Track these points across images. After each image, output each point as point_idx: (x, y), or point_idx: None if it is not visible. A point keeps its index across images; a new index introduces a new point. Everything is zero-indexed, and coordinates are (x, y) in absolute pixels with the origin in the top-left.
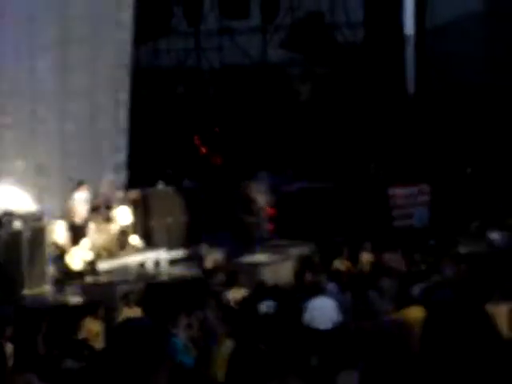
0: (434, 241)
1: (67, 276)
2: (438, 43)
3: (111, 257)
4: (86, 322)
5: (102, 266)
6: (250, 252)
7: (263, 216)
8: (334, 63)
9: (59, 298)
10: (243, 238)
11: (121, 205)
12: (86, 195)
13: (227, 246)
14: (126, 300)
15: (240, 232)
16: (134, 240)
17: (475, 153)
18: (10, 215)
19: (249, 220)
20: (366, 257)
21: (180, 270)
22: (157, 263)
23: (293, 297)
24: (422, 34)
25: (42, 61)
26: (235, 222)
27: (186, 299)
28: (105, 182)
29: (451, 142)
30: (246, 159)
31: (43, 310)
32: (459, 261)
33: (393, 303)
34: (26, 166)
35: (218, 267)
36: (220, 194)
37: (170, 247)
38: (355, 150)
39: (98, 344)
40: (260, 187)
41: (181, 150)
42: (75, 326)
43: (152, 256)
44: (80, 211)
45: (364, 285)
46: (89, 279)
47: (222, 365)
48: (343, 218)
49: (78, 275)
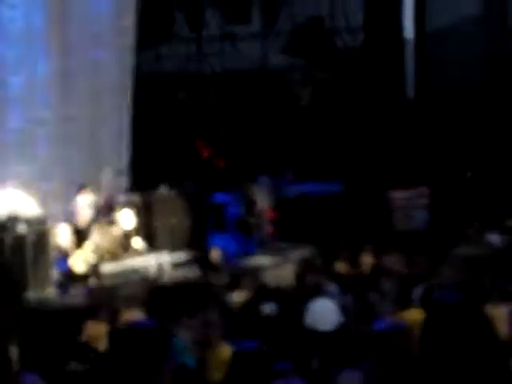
0: (433, 243)
1: (71, 279)
2: (437, 47)
3: (114, 260)
4: (89, 325)
5: (105, 268)
6: (251, 254)
7: (264, 219)
8: (334, 68)
9: (63, 301)
10: (245, 241)
11: (124, 208)
12: (88, 199)
13: (231, 249)
14: (129, 303)
15: (242, 234)
16: (137, 243)
17: (475, 156)
18: (15, 219)
19: (250, 222)
20: (367, 259)
21: (183, 272)
22: (160, 266)
23: (294, 299)
24: (422, 37)
25: (43, 66)
26: (238, 225)
27: (189, 301)
28: (105, 182)
29: (451, 145)
30: (247, 162)
31: (47, 313)
32: (459, 263)
33: (393, 305)
34: (30, 170)
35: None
36: (223, 197)
37: (173, 250)
38: (355, 153)
39: (102, 346)
40: (261, 190)
41: (183, 153)
42: (79, 329)
43: (155, 259)
44: (83, 214)
45: (365, 287)
46: (92, 282)
47: (220, 367)
48: (344, 220)
49: (82, 278)
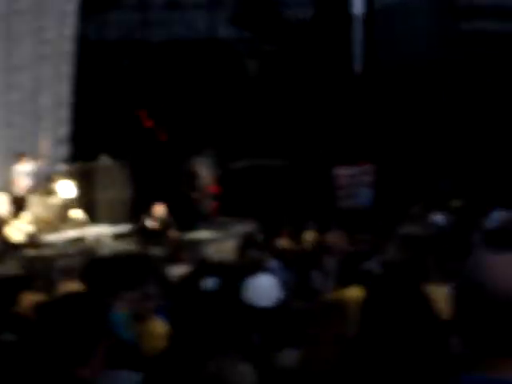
0: (377, 221)
1: (7, 248)
2: (385, 23)
3: (53, 230)
4: (25, 295)
5: (43, 239)
6: (193, 228)
7: (207, 193)
8: (282, 41)
9: None
10: (187, 214)
11: (64, 178)
12: (27, 167)
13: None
14: (66, 274)
15: (184, 208)
16: (77, 214)
17: (420, 134)
18: None
19: (193, 196)
20: (310, 235)
21: (123, 244)
22: (99, 238)
23: (235, 274)
24: (371, 13)
25: None
26: (179, 198)
27: (128, 274)
28: (44, 150)
29: (396, 122)
30: (192, 135)
31: None
32: (402, 242)
33: (335, 282)
34: None
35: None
36: (165, 169)
37: (114, 222)
38: (301, 127)
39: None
40: (205, 164)
41: (125, 123)
42: (13, 299)
43: (94, 230)
44: (21, 183)
45: (307, 263)
46: (29, 252)
47: (154, 341)
48: (287, 196)
49: (19, 248)
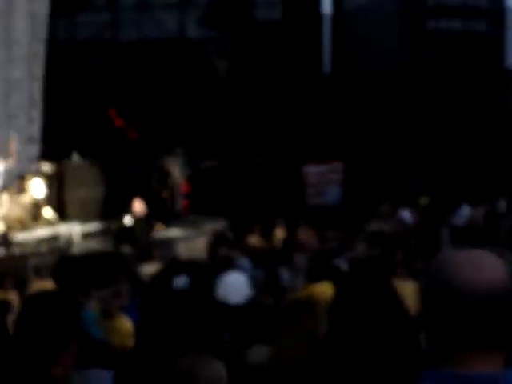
0: (345, 218)
1: None
2: (354, 23)
3: (24, 229)
4: None
5: (14, 237)
6: (164, 226)
7: (178, 191)
8: (251, 41)
9: None
10: (158, 212)
11: (34, 177)
12: None
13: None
14: (38, 272)
15: (155, 206)
16: (48, 212)
17: (388, 134)
18: None
19: (164, 194)
20: (279, 233)
21: (94, 243)
22: (70, 236)
23: (206, 272)
24: (340, 14)
25: None
26: (150, 196)
27: (99, 273)
28: (14, 149)
29: (365, 122)
30: (162, 134)
31: None
32: (370, 238)
33: (305, 279)
34: None
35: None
36: (135, 168)
37: (84, 220)
38: (270, 127)
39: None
40: (175, 162)
41: (96, 123)
42: None
43: (65, 229)
44: None
45: (277, 260)
46: (1, 251)
47: (121, 339)
48: (257, 194)
49: None
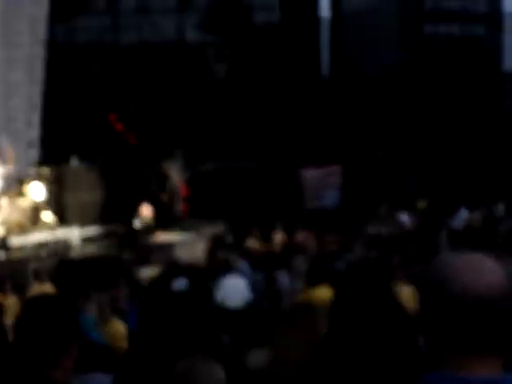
0: (344, 221)
1: None
2: (353, 26)
3: (23, 233)
4: None
5: (13, 241)
6: (164, 230)
7: (177, 195)
8: (249, 45)
9: None
10: (158, 216)
11: (34, 181)
12: None
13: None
14: (37, 276)
15: (155, 210)
16: (47, 216)
17: (386, 137)
18: None
19: (163, 198)
20: (278, 236)
21: (93, 247)
22: (69, 240)
23: (205, 275)
24: (338, 17)
25: None
26: (150, 200)
27: (99, 277)
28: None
29: (363, 125)
30: (161, 138)
31: None
32: (369, 241)
33: (303, 283)
34: None
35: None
36: (135, 172)
37: (84, 224)
38: (268, 130)
39: (8, 320)
40: (174, 166)
41: (96, 127)
42: None
43: (65, 233)
44: None
45: (275, 264)
46: (0, 255)
47: (116, 342)
48: (256, 197)
49: None
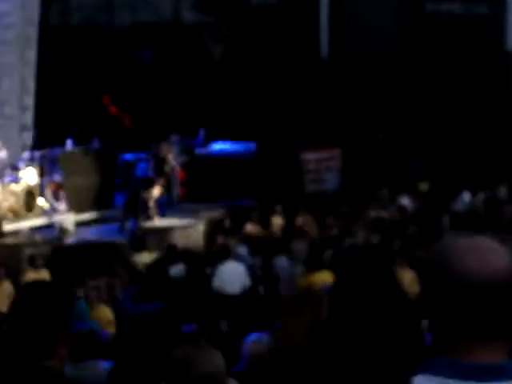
0: (345, 205)
1: None
2: (352, 6)
3: (17, 218)
4: None
5: (7, 227)
6: (160, 215)
7: (175, 179)
8: (247, 25)
9: None
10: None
11: (28, 165)
12: None
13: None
14: (32, 263)
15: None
16: (42, 202)
17: (387, 119)
18: None
19: (160, 182)
20: (277, 221)
21: (88, 232)
22: (64, 225)
23: (203, 261)
24: None
25: None
26: (145, 185)
27: (94, 263)
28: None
29: (363, 107)
30: (157, 120)
31: None
32: (370, 225)
33: (304, 267)
34: None
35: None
36: (132, 156)
37: (79, 209)
38: (267, 112)
39: (3, 306)
40: (172, 150)
41: (90, 109)
42: None
43: (59, 218)
44: None
45: (275, 248)
46: None
47: (107, 327)
48: (255, 181)
49: None
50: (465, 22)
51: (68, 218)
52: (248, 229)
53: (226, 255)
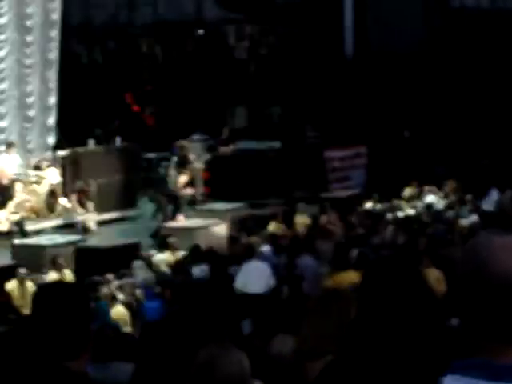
0: (371, 204)
1: None
2: (376, 3)
3: (40, 218)
4: (11, 285)
5: (30, 227)
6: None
7: (198, 177)
8: (271, 22)
9: None
10: (177, 199)
11: (50, 165)
12: (14, 156)
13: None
14: (54, 263)
15: (173, 194)
16: (64, 201)
17: (413, 116)
18: None
19: (183, 181)
20: (302, 220)
21: (111, 232)
22: (88, 225)
23: (227, 261)
24: None
25: None
26: (168, 184)
27: (117, 263)
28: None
29: (389, 104)
30: (180, 119)
31: None
32: (396, 224)
33: (329, 266)
34: None
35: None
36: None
37: (102, 209)
38: (291, 110)
39: (26, 307)
40: (195, 148)
41: (112, 108)
42: (1, 288)
43: (82, 218)
44: (8, 172)
45: (299, 248)
46: (17, 241)
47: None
48: (279, 180)
49: (5, 236)
50: (492, 17)
51: (91, 218)
52: (272, 228)
53: (250, 255)
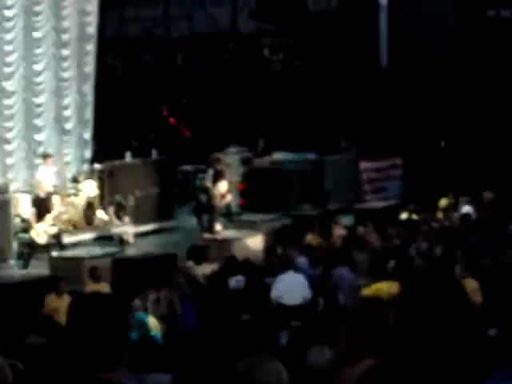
0: (407, 215)
1: (32, 250)
2: (411, 13)
3: (77, 231)
4: (50, 297)
5: (67, 240)
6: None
7: (234, 189)
8: (306, 33)
9: (24, 273)
10: (213, 212)
11: (88, 178)
12: (51, 169)
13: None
14: (92, 275)
15: (210, 206)
16: (101, 214)
17: (448, 126)
18: None
19: (222, 190)
20: (338, 231)
21: (148, 244)
22: (125, 237)
23: (263, 272)
24: (396, 3)
25: (6, 33)
26: (205, 196)
27: (155, 275)
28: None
29: (424, 114)
30: (216, 131)
31: (7, 285)
32: (432, 235)
33: (366, 278)
34: None
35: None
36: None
37: (139, 221)
38: (327, 122)
39: (63, 319)
40: (231, 160)
41: (149, 121)
42: (39, 301)
43: (119, 230)
44: (46, 184)
45: (336, 259)
46: (54, 253)
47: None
48: (315, 192)
49: (43, 249)
50: None
51: (128, 230)
52: (308, 239)
53: (286, 266)
